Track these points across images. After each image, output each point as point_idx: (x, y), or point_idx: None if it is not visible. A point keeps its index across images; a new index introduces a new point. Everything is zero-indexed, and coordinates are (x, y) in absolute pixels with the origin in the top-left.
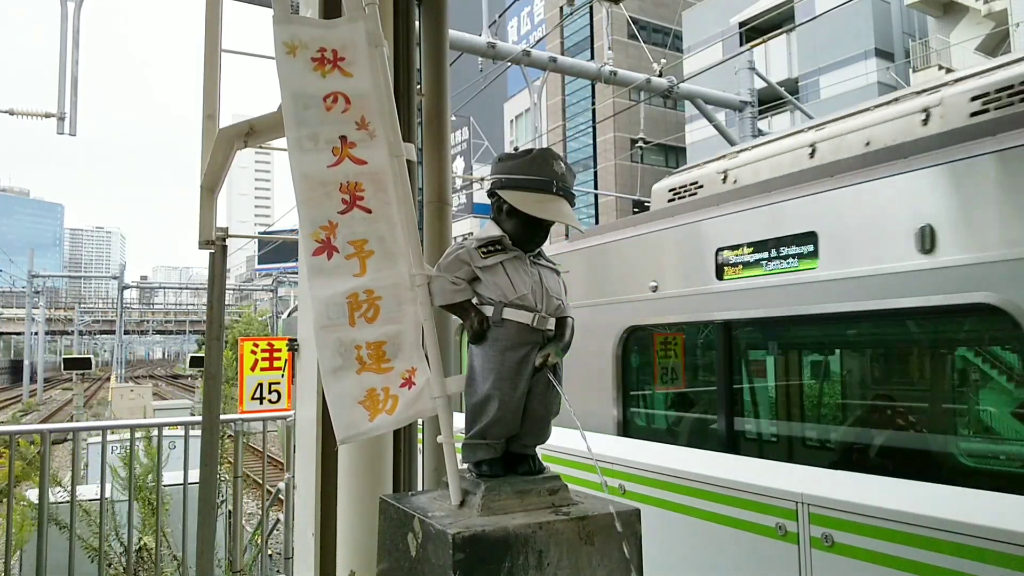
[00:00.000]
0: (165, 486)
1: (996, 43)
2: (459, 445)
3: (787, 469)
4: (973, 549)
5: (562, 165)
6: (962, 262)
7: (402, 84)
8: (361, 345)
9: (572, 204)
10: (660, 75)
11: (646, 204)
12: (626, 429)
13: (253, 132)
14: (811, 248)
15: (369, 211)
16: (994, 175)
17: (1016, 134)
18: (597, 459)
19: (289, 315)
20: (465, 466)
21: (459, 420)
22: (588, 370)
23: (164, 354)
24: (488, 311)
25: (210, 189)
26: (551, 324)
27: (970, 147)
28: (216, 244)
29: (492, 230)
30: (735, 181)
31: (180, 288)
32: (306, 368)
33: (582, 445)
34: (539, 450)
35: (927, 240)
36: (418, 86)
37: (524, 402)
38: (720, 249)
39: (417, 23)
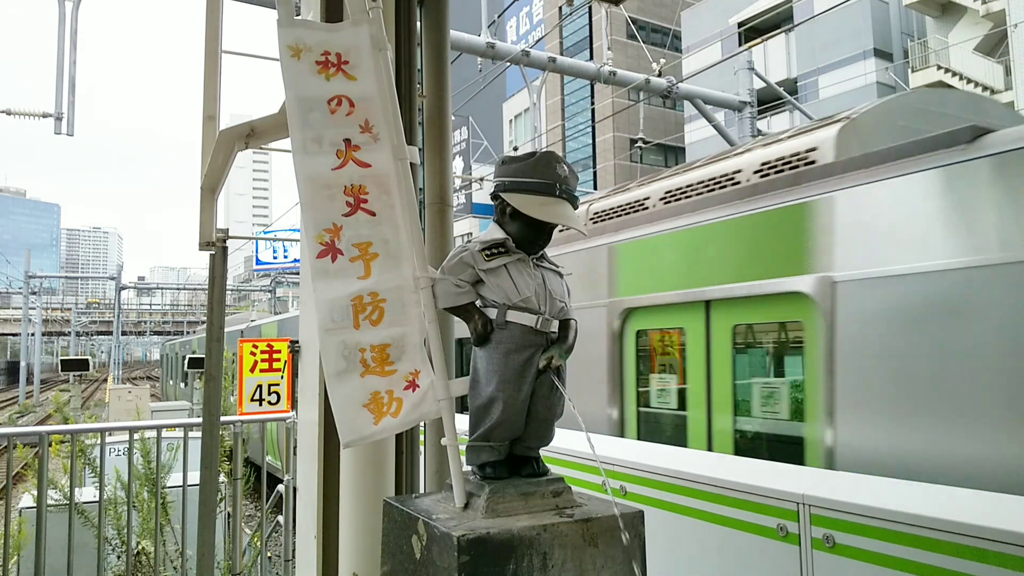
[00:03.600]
0: (165, 488)
1: (994, 43)
2: (463, 447)
3: (788, 470)
4: (974, 550)
5: (565, 168)
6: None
7: (404, 86)
8: (365, 348)
9: (575, 206)
10: (659, 75)
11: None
12: None
13: (254, 133)
14: None
15: (373, 214)
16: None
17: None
18: (601, 461)
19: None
20: (469, 468)
21: (462, 422)
22: None
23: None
24: (492, 314)
25: (210, 190)
26: (555, 326)
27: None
28: (216, 245)
29: (495, 232)
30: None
31: (178, 288)
32: (308, 370)
33: (580, 446)
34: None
35: None
36: (419, 86)
37: (528, 404)
38: None
39: (418, 24)
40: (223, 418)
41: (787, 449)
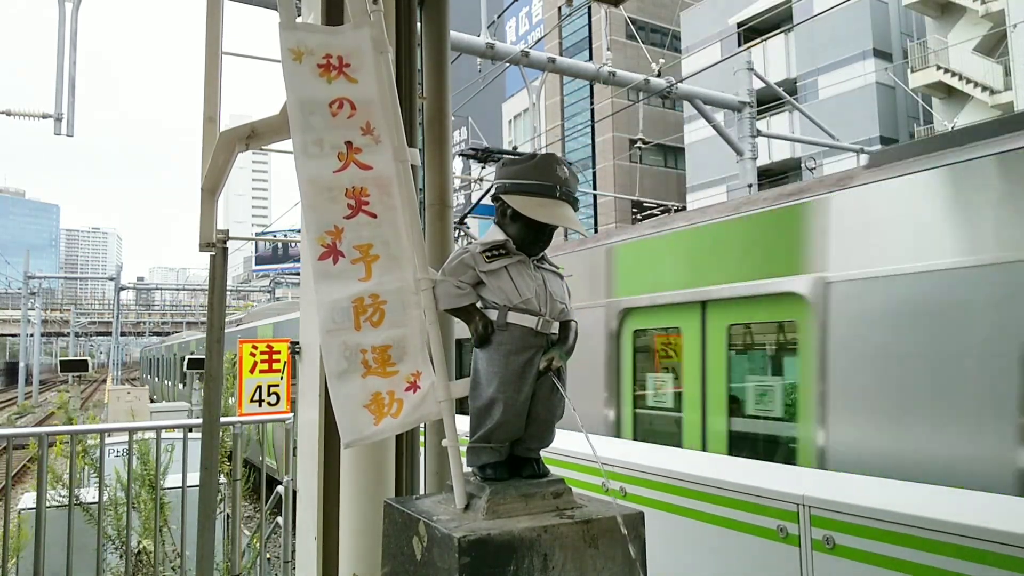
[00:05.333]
0: (165, 489)
1: (994, 43)
2: (463, 449)
3: (788, 471)
4: (974, 551)
5: (565, 170)
6: None
7: (404, 87)
8: (366, 349)
9: (575, 208)
10: (659, 75)
11: (645, 205)
12: None
13: (254, 135)
14: None
15: (374, 216)
16: None
17: None
18: (601, 462)
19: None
20: (469, 470)
21: (463, 423)
22: None
23: None
24: (492, 315)
25: (211, 191)
26: (555, 328)
27: None
28: (217, 246)
29: (496, 234)
30: None
31: (177, 289)
32: (308, 371)
33: (579, 447)
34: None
35: None
36: (419, 87)
37: (528, 406)
38: None
39: (418, 25)
40: (223, 419)
41: None
